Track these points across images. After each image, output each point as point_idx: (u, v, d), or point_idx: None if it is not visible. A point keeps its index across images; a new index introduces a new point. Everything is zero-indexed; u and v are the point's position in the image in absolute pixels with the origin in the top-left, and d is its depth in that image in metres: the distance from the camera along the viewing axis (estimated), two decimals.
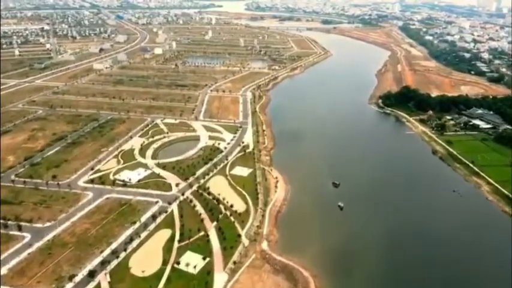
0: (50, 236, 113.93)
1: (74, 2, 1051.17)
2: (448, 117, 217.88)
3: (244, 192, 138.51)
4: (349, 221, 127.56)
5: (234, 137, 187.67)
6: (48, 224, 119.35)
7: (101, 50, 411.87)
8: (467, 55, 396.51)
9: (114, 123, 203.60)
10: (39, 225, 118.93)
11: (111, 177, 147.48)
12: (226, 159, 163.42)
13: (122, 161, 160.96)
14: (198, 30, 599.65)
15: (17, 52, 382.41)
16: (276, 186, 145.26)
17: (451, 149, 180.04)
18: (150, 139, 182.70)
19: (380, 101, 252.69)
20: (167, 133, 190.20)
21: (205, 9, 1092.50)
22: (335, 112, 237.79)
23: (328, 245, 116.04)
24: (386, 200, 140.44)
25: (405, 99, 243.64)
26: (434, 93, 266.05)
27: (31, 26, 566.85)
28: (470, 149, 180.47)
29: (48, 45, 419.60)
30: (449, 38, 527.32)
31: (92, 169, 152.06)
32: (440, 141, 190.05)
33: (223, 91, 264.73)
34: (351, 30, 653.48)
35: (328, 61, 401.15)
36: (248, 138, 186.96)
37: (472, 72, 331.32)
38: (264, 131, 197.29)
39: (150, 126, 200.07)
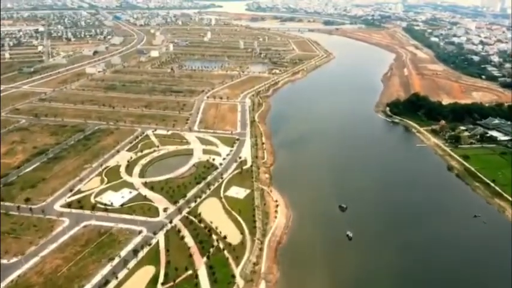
0: (14, 276, 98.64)
1: (72, 2, 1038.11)
2: (462, 128, 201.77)
3: (240, 219, 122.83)
4: (359, 255, 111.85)
5: (231, 150, 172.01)
6: (14, 259, 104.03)
7: (95, 52, 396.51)
8: (476, 58, 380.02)
9: (101, 135, 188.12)
10: (4, 261, 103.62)
11: (92, 199, 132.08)
12: (221, 178, 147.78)
13: (105, 180, 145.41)
14: (197, 31, 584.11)
15: (7, 55, 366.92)
16: (275, 211, 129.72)
17: (468, 165, 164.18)
18: (139, 154, 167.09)
19: (387, 108, 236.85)
20: (158, 147, 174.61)
21: (205, 9, 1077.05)
22: (339, 121, 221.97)
23: (336, 286, 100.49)
24: (400, 228, 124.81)
25: (415, 108, 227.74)
26: (444, 100, 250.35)
27: (25, 27, 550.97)
28: (489, 165, 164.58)
29: (40, 48, 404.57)
30: (455, 39, 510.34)
31: (71, 190, 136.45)
32: (455, 156, 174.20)
33: (221, 98, 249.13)
34: (353, 31, 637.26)
35: (331, 64, 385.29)
36: (246, 153, 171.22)
37: (483, 77, 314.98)
38: (263, 143, 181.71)
39: (140, 138, 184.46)
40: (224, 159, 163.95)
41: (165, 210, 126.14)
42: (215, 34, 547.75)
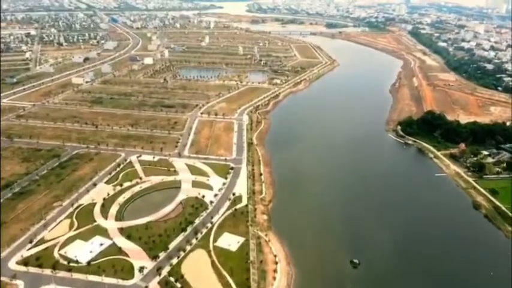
0: None
1: (69, 3, 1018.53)
2: (485, 153, 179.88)
3: (231, 282, 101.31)
4: None
5: (224, 184, 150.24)
6: None
7: (86, 59, 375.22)
8: (489, 66, 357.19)
9: (78, 162, 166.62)
10: None
11: (56, 253, 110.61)
12: (211, 222, 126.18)
13: (75, 224, 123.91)
14: (195, 35, 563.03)
15: None
16: (274, 270, 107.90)
17: (497, 203, 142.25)
18: (118, 187, 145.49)
19: (399, 127, 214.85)
20: (140, 178, 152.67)
21: (205, 10, 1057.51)
22: (347, 144, 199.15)
23: None
24: None
25: (430, 127, 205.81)
26: (460, 117, 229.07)
27: (16, 31, 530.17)
28: None
29: (28, 54, 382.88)
30: (464, 44, 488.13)
31: (31, 242, 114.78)
32: (481, 189, 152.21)
33: (216, 114, 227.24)
34: (357, 35, 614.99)
35: (335, 73, 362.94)
36: (241, 186, 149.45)
37: (499, 89, 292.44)
38: (261, 174, 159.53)
39: (121, 166, 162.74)
40: (216, 195, 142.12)
41: (141, 270, 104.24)
42: (214, 38, 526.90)
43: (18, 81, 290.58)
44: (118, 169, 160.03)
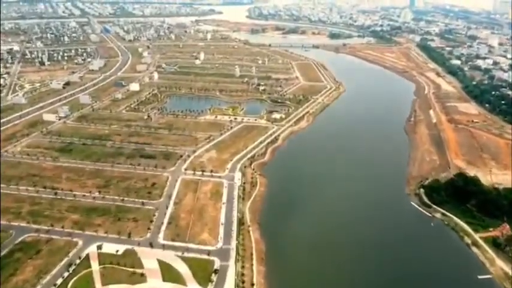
0: None
1: (64, 9, 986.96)
2: None
3: None
4: None
5: None
6: None
7: (66, 84, 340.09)
8: None
9: (21, 257, 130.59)
10: None
11: None
12: None
13: None
14: (190, 48, 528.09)
15: None
16: None
17: None
18: None
19: (422, 190, 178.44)
20: None
21: (204, 16, 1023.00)
22: (362, 220, 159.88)
23: None
24: None
25: (461, 195, 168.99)
26: (494, 172, 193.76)
27: None
28: None
29: (2, 80, 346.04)
30: (480, 62, 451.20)
31: None
32: None
33: (203, 171, 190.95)
34: (362, 48, 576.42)
35: (342, 102, 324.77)
36: None
37: None
38: (253, 285, 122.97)
39: (74, 266, 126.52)
40: None
41: None
42: (209, 54, 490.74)
43: None
44: (68, 273, 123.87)
